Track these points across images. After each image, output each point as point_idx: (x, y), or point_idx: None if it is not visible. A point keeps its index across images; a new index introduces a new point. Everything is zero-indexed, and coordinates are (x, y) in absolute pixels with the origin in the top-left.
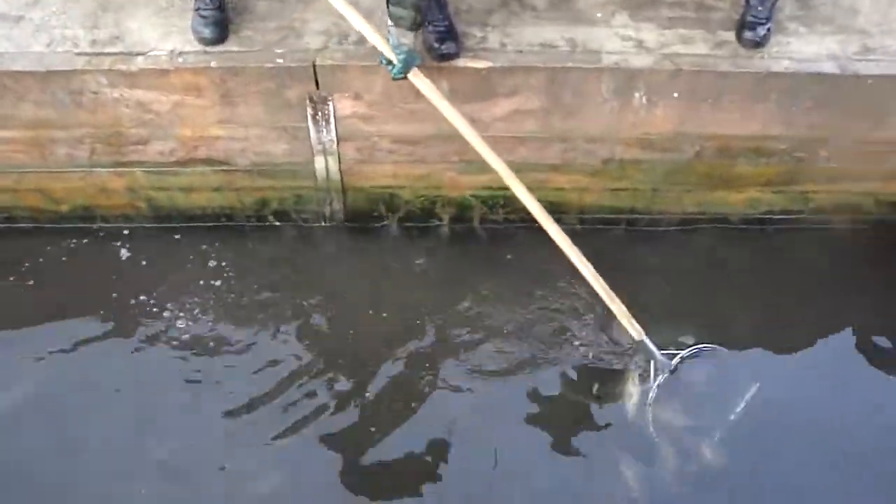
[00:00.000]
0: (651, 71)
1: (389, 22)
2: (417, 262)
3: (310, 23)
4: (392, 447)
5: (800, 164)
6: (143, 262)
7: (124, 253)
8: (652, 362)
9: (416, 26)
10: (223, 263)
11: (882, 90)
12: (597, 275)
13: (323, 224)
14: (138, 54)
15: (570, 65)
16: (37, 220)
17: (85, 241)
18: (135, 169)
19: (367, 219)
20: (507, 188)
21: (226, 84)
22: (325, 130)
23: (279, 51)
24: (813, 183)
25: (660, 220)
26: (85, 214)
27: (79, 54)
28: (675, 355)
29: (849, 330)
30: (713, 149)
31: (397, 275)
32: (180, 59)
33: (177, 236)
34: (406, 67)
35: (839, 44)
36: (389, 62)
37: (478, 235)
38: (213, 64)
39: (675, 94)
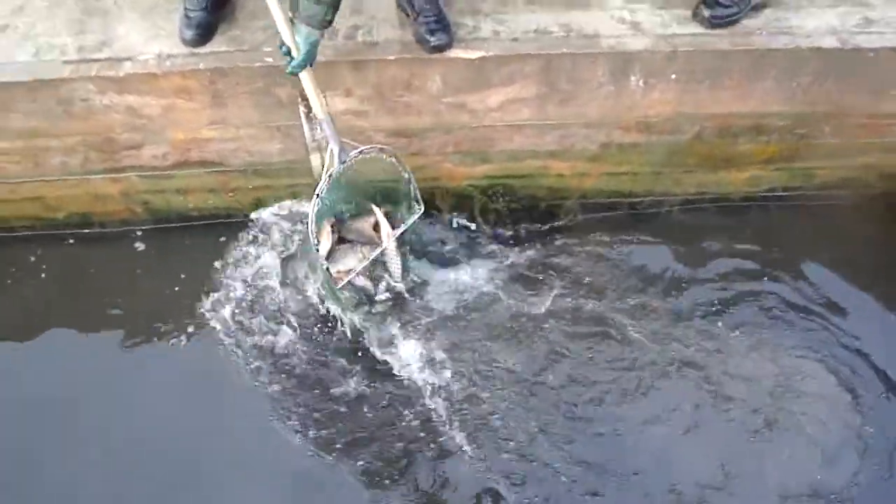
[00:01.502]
0: (647, 53)
1: (295, 15)
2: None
3: None
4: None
5: (801, 140)
6: (146, 264)
7: (125, 254)
8: (329, 149)
9: (325, 24)
10: (228, 261)
11: (883, 63)
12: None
13: None
14: (126, 59)
15: (564, 51)
16: (34, 227)
17: (84, 245)
18: (129, 174)
19: None
20: (506, 177)
21: (215, 85)
22: (318, 127)
23: (268, 49)
24: (815, 159)
25: (662, 201)
26: (81, 221)
27: (66, 62)
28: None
29: (850, 303)
30: (713, 129)
31: None
32: (168, 63)
33: (176, 236)
34: (304, 65)
35: (839, 17)
36: (289, 53)
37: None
38: (201, 66)
39: (673, 76)
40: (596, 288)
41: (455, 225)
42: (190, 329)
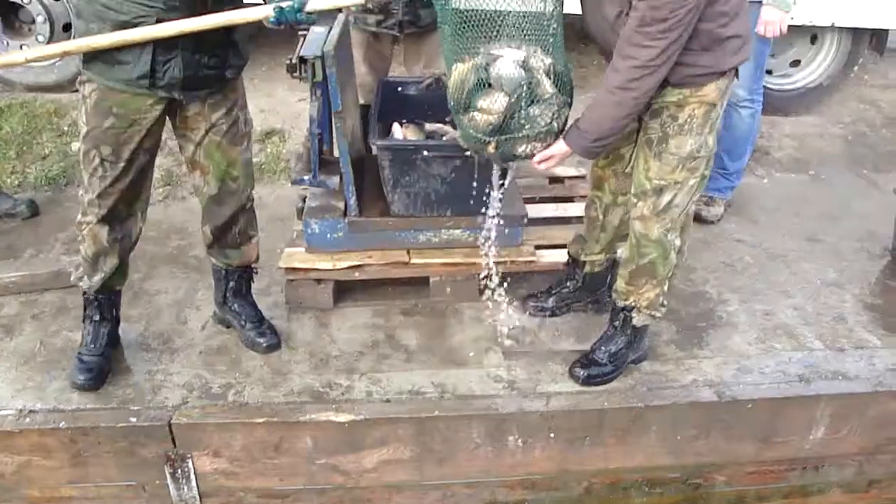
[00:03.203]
0: (522, 413)
1: None
2: None
3: (173, 375)
4: None
5: (697, 489)
6: None
7: None
8: None
9: None
10: None
11: (762, 412)
12: None
13: None
14: None
15: (437, 413)
16: None
17: None
18: None
19: None
20: None
21: (76, 444)
22: (185, 487)
23: (134, 408)
24: None
25: None
26: None
27: None
28: None
29: None
30: (602, 483)
31: None
32: (27, 420)
33: None
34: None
35: (716, 367)
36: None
37: None
38: (62, 425)
39: (551, 435)
40: None
41: None
42: None
